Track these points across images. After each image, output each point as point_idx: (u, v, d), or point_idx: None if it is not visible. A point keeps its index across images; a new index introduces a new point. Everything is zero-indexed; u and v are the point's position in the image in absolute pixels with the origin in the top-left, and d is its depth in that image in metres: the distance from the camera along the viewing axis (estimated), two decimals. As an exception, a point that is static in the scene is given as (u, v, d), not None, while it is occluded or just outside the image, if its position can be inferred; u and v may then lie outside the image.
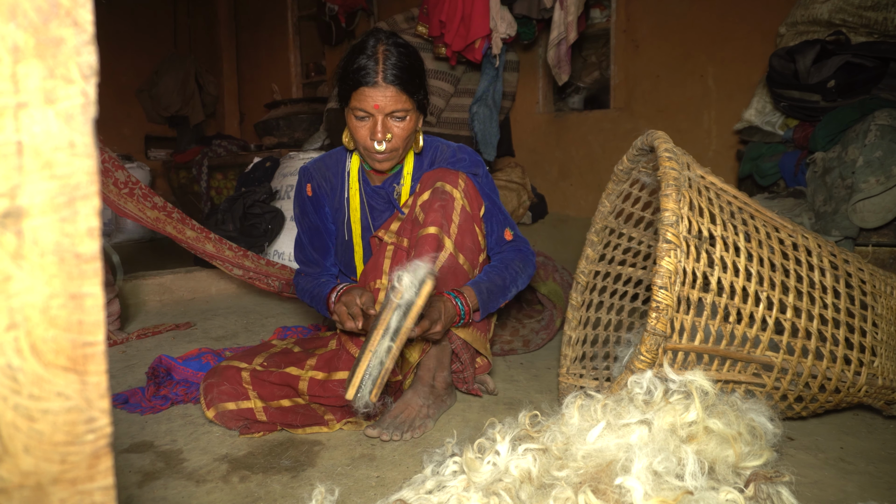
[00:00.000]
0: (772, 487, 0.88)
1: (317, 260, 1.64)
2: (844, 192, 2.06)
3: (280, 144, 4.92)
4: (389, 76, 1.34)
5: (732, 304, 1.16)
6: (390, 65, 1.35)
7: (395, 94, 1.35)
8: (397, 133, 1.40)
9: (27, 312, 0.36)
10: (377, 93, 1.35)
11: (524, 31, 3.44)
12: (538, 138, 4.04)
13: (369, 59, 1.35)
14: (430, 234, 1.39)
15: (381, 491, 1.15)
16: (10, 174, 0.35)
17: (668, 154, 1.21)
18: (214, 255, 2.32)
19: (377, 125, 1.37)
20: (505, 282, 1.49)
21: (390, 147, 1.40)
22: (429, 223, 1.40)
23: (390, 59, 1.35)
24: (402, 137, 1.41)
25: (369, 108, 1.36)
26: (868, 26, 2.30)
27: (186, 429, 1.47)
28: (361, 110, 1.37)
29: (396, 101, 1.36)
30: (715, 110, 3.21)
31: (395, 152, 1.43)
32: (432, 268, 1.20)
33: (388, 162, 1.45)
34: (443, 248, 1.39)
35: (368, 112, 1.37)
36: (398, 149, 1.43)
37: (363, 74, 1.35)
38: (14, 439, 0.37)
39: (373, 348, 1.15)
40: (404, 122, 1.40)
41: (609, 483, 0.88)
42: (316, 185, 1.61)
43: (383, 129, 1.38)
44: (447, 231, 1.40)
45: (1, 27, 0.34)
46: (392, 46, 1.37)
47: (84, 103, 0.36)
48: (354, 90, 1.37)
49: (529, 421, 1.07)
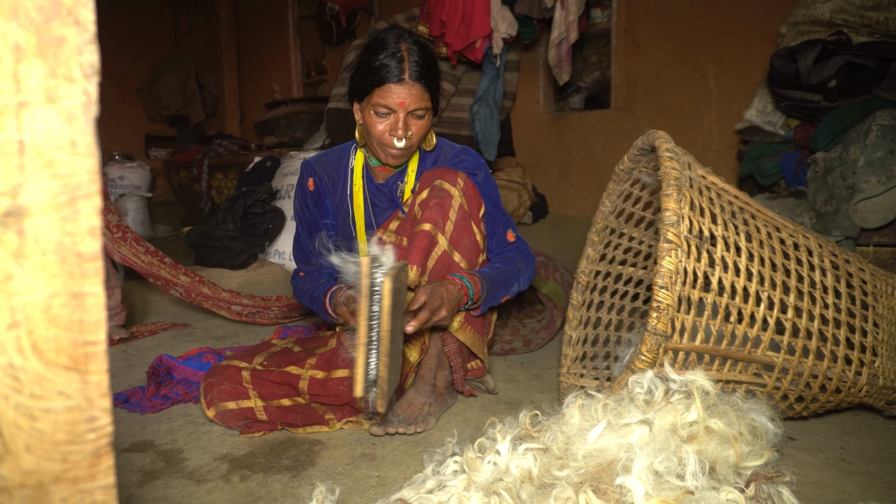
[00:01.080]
0: (773, 487, 0.88)
1: (311, 256, 1.63)
2: (845, 193, 2.06)
3: (280, 144, 4.92)
4: (415, 74, 1.36)
5: (733, 304, 1.16)
6: (414, 62, 1.36)
7: (420, 91, 1.37)
8: (416, 131, 1.41)
9: (28, 311, 0.36)
10: (403, 90, 1.35)
11: (525, 31, 3.44)
12: (539, 138, 4.04)
13: (393, 56, 1.35)
14: (423, 230, 1.39)
15: (381, 490, 1.15)
16: (11, 173, 0.35)
17: (669, 154, 1.21)
18: (209, 297, 2.32)
19: (399, 122, 1.38)
20: (508, 275, 1.47)
21: (408, 144, 1.41)
22: (424, 220, 1.40)
23: (413, 55, 1.36)
24: (420, 135, 1.43)
25: (393, 104, 1.36)
26: (869, 26, 2.29)
27: (187, 428, 1.47)
28: (385, 107, 1.37)
29: (421, 98, 1.37)
30: (716, 110, 3.20)
31: (409, 150, 1.45)
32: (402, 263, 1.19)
33: (402, 158, 1.46)
34: (436, 245, 1.39)
35: (392, 109, 1.37)
36: (414, 146, 1.45)
37: (388, 70, 1.35)
38: (15, 438, 0.37)
39: (363, 341, 1.14)
40: (423, 121, 1.41)
41: (610, 483, 0.88)
42: (318, 179, 1.60)
43: (405, 126, 1.39)
44: (442, 228, 1.40)
45: (2, 26, 0.34)
46: (413, 45, 1.38)
47: (86, 102, 0.36)
48: (379, 86, 1.37)
49: (530, 421, 1.07)
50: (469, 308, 1.42)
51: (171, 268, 2.29)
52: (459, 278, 1.36)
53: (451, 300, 1.32)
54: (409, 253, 1.37)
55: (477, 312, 1.45)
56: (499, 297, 1.46)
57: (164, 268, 2.27)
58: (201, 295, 2.28)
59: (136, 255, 2.21)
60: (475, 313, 1.46)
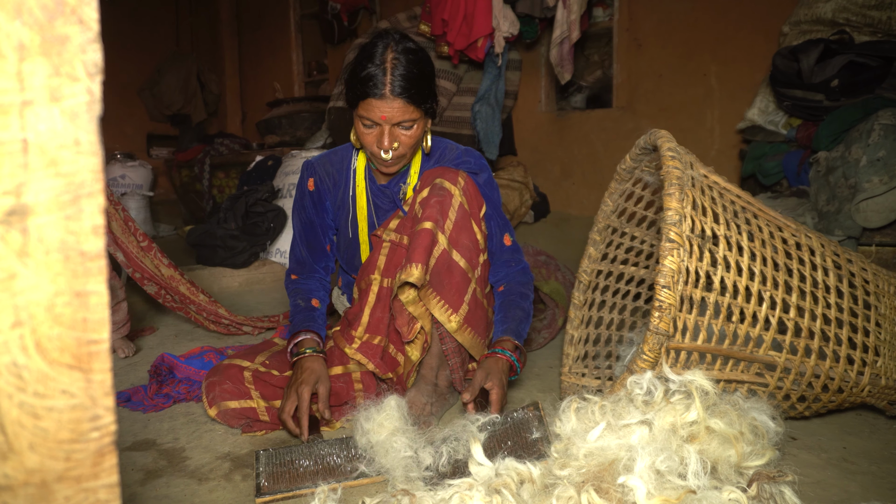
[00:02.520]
0: (775, 487, 0.88)
1: (305, 259, 1.62)
2: (848, 192, 2.06)
3: (282, 143, 4.92)
4: (397, 88, 1.32)
5: (735, 304, 1.16)
6: (398, 76, 1.32)
7: (402, 105, 1.33)
8: (404, 141, 1.39)
9: (32, 310, 0.36)
10: (384, 104, 1.33)
11: (527, 30, 3.44)
12: (540, 137, 4.03)
13: (377, 68, 1.32)
14: (424, 228, 1.38)
15: (383, 487, 1.15)
16: (15, 172, 0.35)
17: (671, 153, 1.21)
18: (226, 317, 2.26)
19: (384, 135, 1.36)
20: (527, 311, 1.50)
21: (397, 154, 1.39)
22: (424, 218, 1.39)
23: (398, 69, 1.32)
24: (409, 145, 1.40)
25: (376, 118, 1.34)
26: (872, 25, 2.29)
27: (189, 427, 1.47)
28: (368, 119, 1.36)
29: (404, 112, 1.34)
30: (718, 109, 3.20)
31: (402, 158, 1.43)
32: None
33: (394, 166, 1.44)
34: (436, 244, 1.39)
35: (375, 122, 1.36)
36: (405, 155, 1.42)
37: (371, 86, 1.32)
38: (19, 437, 0.37)
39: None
40: (411, 131, 1.38)
41: (612, 482, 0.88)
42: (319, 179, 1.60)
43: (390, 138, 1.36)
44: (442, 227, 1.39)
45: (6, 25, 0.34)
46: (401, 54, 1.34)
47: (89, 101, 0.36)
48: (362, 99, 1.35)
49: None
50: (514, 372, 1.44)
51: (189, 284, 2.23)
52: (508, 356, 1.39)
53: (504, 377, 1.36)
54: (412, 251, 1.36)
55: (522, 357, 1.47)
56: (525, 332, 1.49)
57: (184, 283, 2.21)
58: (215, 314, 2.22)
59: (158, 267, 2.14)
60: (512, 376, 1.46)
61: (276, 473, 1.17)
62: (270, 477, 1.16)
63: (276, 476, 1.17)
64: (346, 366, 1.49)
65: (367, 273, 1.49)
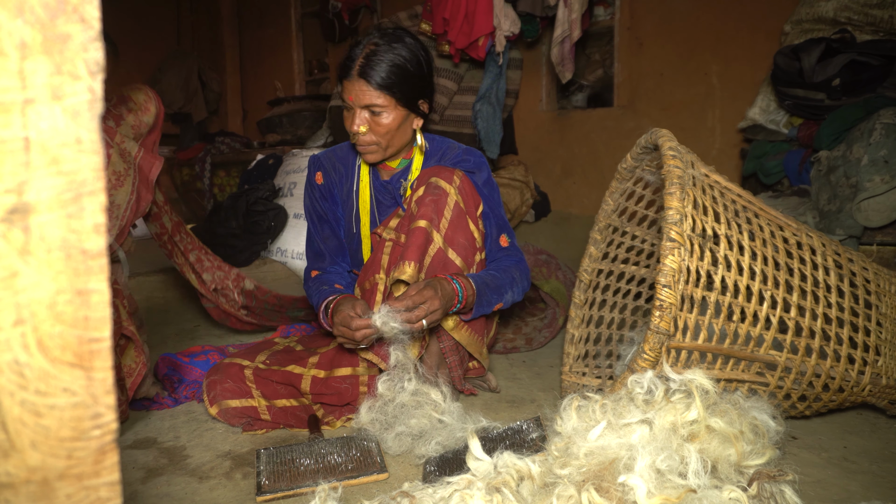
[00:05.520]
0: (775, 486, 0.88)
1: (323, 252, 1.63)
2: (849, 191, 2.05)
3: (283, 142, 4.92)
4: (365, 70, 1.38)
5: (736, 303, 1.16)
6: (369, 59, 1.38)
7: (365, 87, 1.39)
8: (375, 128, 1.42)
9: (34, 308, 0.36)
10: (351, 85, 1.40)
11: (528, 29, 3.44)
12: (541, 136, 4.03)
13: (353, 50, 1.41)
14: (419, 227, 1.38)
15: (383, 487, 1.15)
16: (17, 170, 0.35)
17: (672, 152, 1.21)
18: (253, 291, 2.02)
19: (355, 116, 1.42)
20: (501, 283, 1.45)
21: (368, 140, 1.43)
22: (419, 216, 1.40)
23: (374, 55, 1.38)
24: (381, 133, 1.43)
25: (346, 99, 1.42)
26: (873, 24, 2.29)
27: (189, 425, 1.47)
28: (345, 102, 1.43)
29: (369, 95, 1.39)
30: (719, 108, 3.20)
31: (376, 145, 1.45)
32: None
33: (371, 155, 1.47)
34: (431, 242, 1.39)
35: (348, 104, 1.43)
36: (379, 143, 1.44)
37: (344, 67, 1.42)
38: (21, 435, 0.37)
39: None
40: (381, 118, 1.42)
41: (612, 481, 0.88)
42: (326, 172, 1.61)
43: (358, 120, 1.42)
44: (437, 225, 1.39)
45: (8, 23, 0.34)
46: (384, 43, 1.40)
47: (91, 99, 0.36)
48: (340, 83, 1.44)
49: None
50: (459, 312, 1.41)
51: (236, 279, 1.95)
52: (450, 278, 1.36)
53: (444, 294, 1.31)
54: (405, 249, 1.36)
55: (468, 317, 1.43)
56: (491, 304, 1.44)
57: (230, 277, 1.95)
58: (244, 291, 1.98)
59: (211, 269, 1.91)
60: (465, 318, 1.44)
61: (276, 472, 1.18)
62: (271, 475, 1.16)
63: (276, 475, 1.17)
64: (355, 368, 1.48)
65: (372, 272, 1.48)
